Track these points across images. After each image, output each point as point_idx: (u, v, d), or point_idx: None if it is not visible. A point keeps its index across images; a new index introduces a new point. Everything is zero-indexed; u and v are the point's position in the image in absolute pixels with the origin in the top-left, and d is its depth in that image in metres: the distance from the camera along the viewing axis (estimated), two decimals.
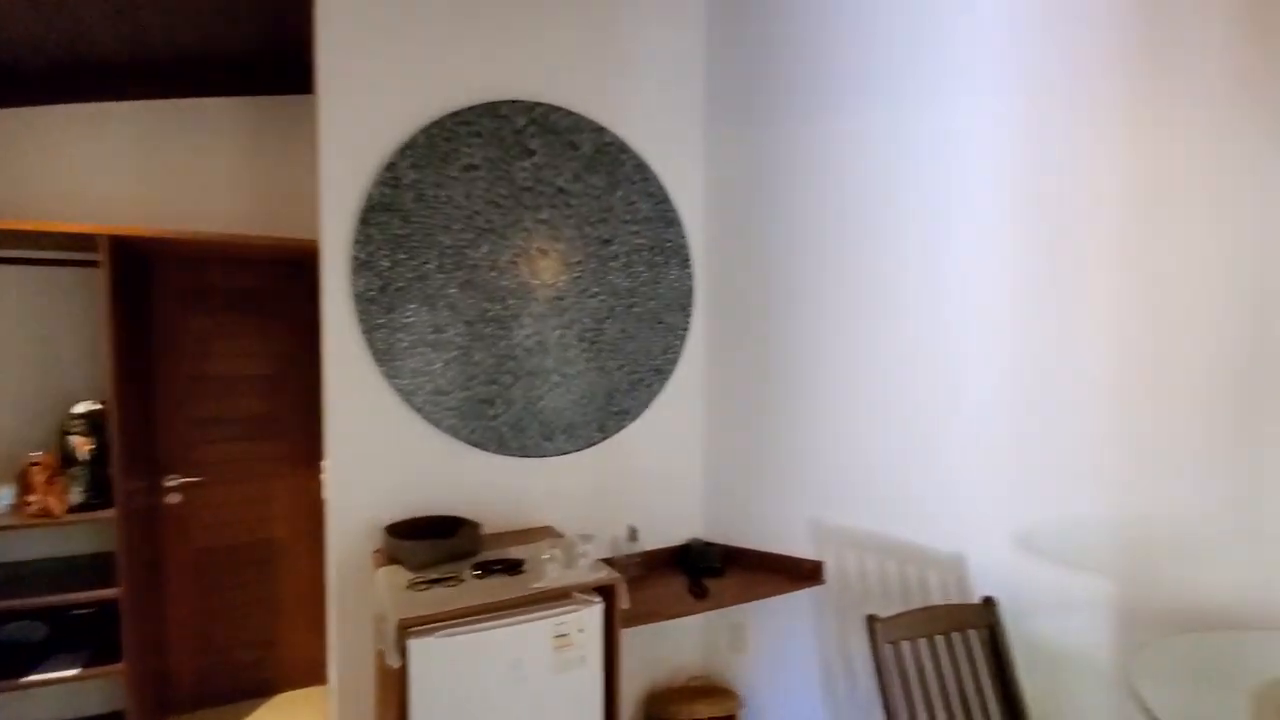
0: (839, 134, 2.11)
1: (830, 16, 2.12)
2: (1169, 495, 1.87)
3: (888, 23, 2.01)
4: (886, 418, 2.10)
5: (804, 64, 2.18)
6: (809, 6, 2.16)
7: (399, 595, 1.62)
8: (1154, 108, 1.80)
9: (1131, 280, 1.85)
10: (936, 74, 1.95)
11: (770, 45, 2.25)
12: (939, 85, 1.95)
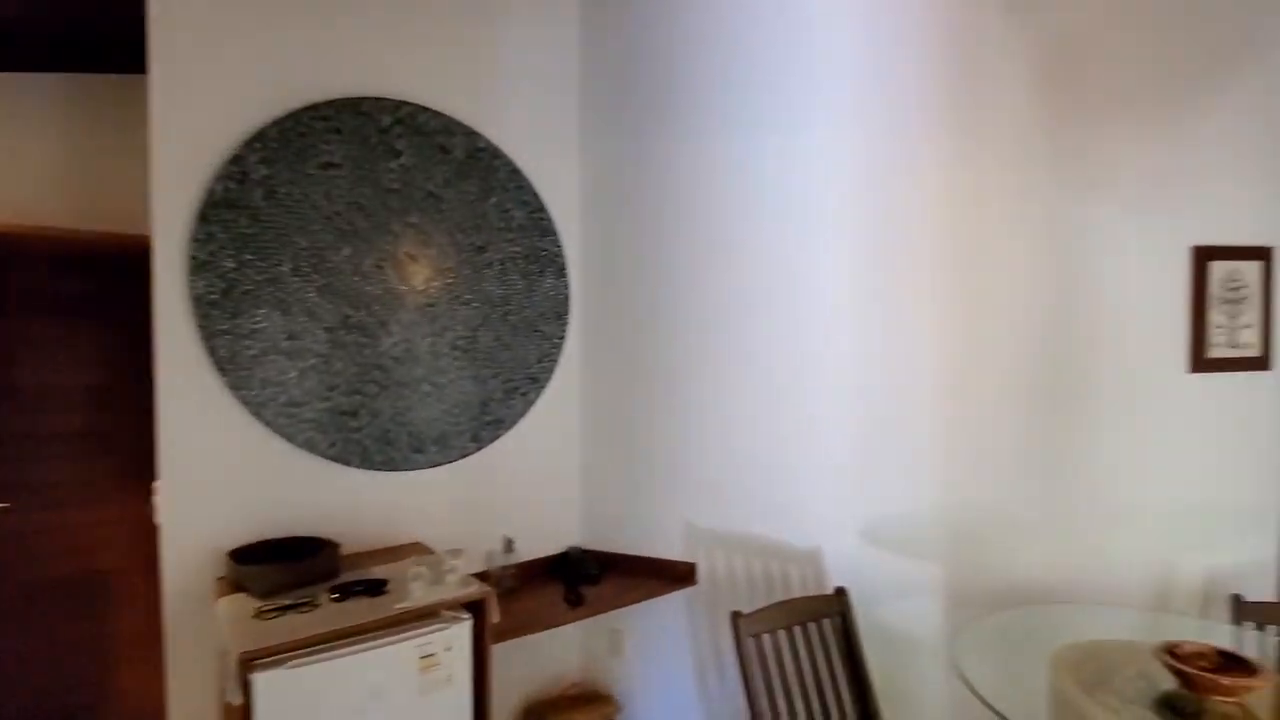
0: (706, 151, 2.20)
1: (698, 41, 2.21)
2: (989, 488, 2.11)
3: (751, 53, 2.13)
4: (751, 423, 2.21)
5: (675, 83, 2.26)
6: (679, 31, 2.24)
7: (243, 625, 1.50)
8: (968, 148, 2.03)
9: (953, 297, 2.07)
10: (792, 102, 2.09)
11: (643, 63, 2.31)
12: (794, 112, 2.09)
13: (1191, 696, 1.42)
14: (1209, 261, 2.09)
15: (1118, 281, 2.09)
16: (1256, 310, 2.14)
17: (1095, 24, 2.05)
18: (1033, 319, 2.07)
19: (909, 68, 2.03)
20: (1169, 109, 2.09)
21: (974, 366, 2.07)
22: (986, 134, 2.03)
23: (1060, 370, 2.09)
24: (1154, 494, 2.15)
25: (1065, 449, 2.12)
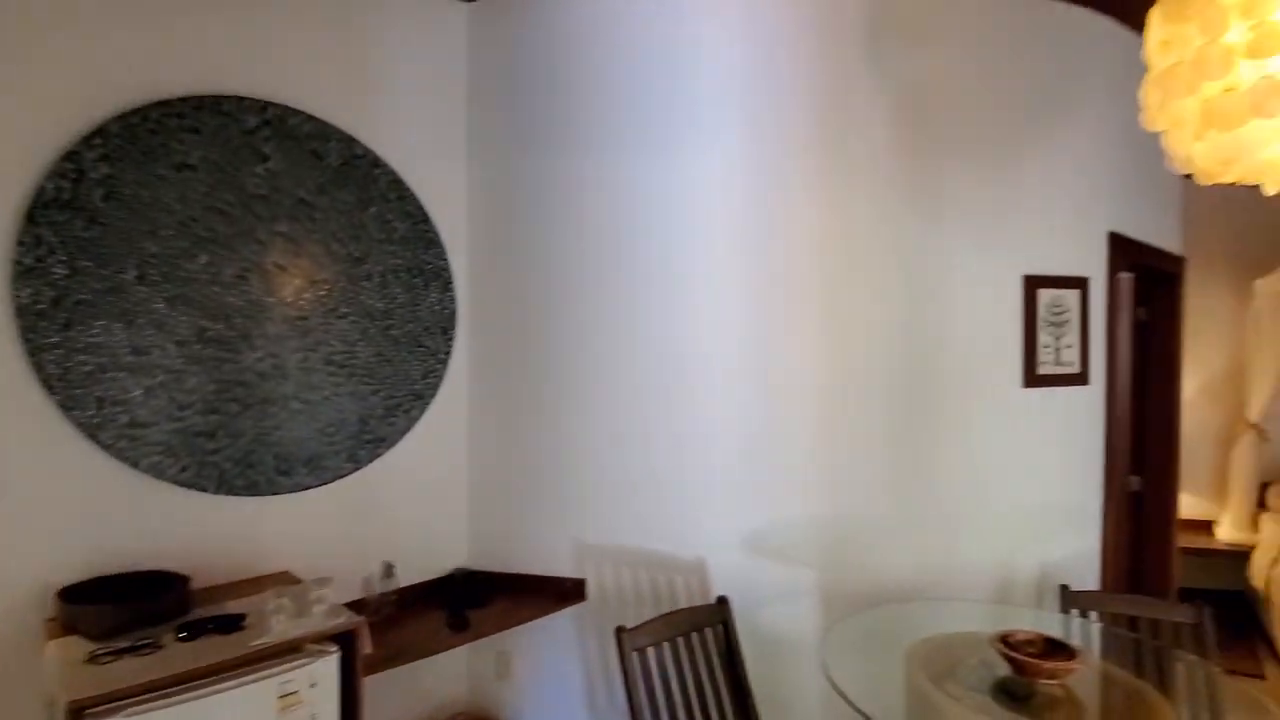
0: (595, 168, 2.23)
1: (588, 60, 2.25)
2: (857, 496, 2.26)
3: (640, 76, 2.19)
4: (639, 438, 2.24)
5: (566, 100, 2.27)
6: (569, 50, 2.27)
7: (73, 671, 1.34)
8: (837, 180, 2.19)
9: (824, 317, 2.21)
10: (679, 126, 2.17)
11: (533, 79, 2.32)
12: (681, 135, 2.16)
13: (1023, 681, 1.58)
14: (1037, 289, 2.36)
15: (964, 306, 2.31)
16: (1076, 332, 2.44)
17: (942, 76, 2.27)
18: (892, 338, 2.25)
19: (786, 100, 2.16)
20: (1004, 154, 2.35)
21: (842, 382, 2.22)
22: (853, 168, 2.19)
23: (916, 386, 2.28)
24: (995, 496, 2.38)
25: (920, 458, 2.31)
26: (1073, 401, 2.49)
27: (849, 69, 2.19)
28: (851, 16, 2.18)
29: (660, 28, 2.17)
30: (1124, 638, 2.05)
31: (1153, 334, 3.19)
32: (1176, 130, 1.00)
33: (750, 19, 2.15)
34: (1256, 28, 0.83)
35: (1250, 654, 3.71)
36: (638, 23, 2.17)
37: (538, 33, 2.29)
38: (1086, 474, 2.59)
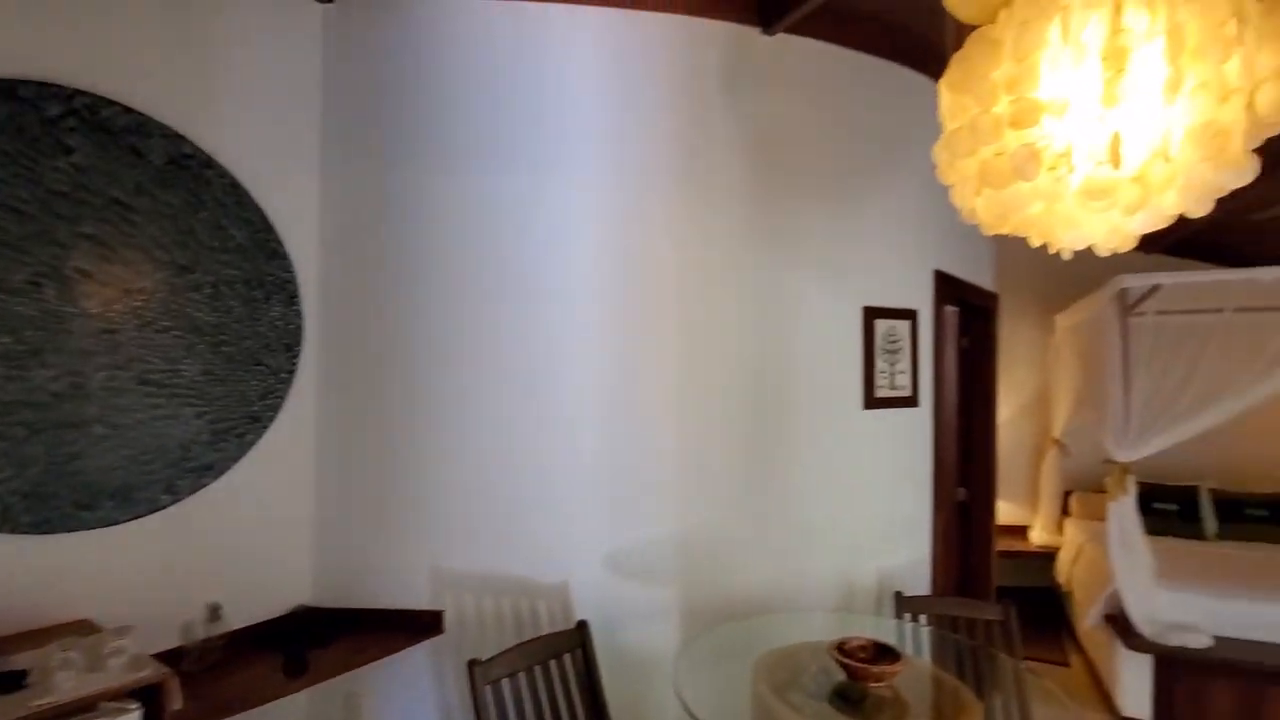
0: (458, 185, 2.18)
1: (450, 75, 2.20)
2: (715, 514, 2.34)
3: (505, 95, 2.17)
4: (500, 460, 2.20)
5: (428, 113, 2.21)
6: (431, 62, 2.21)
7: None
8: (697, 211, 2.29)
9: (684, 340, 2.29)
10: (543, 147, 2.17)
11: (393, 89, 2.24)
12: (545, 156, 2.17)
13: (856, 685, 1.69)
14: (875, 319, 2.58)
15: (811, 333, 2.49)
16: (908, 359, 2.69)
17: (793, 123, 2.45)
18: (746, 363, 2.37)
19: (649, 132, 2.24)
20: (847, 197, 2.57)
21: (700, 404, 2.30)
22: (712, 201, 2.31)
23: (768, 407, 2.42)
24: (839, 510, 2.56)
25: (772, 476, 2.44)
26: (906, 421, 2.74)
27: (709, 109, 2.31)
28: (712, 61, 2.30)
29: (529, 51, 2.18)
30: (947, 638, 2.26)
31: (974, 361, 3.59)
32: (962, 186, 1.14)
33: (617, 52, 2.21)
34: (1016, 102, 0.97)
35: (1057, 644, 4.21)
36: (505, 44, 2.17)
37: (402, 42, 2.23)
38: (918, 488, 2.85)
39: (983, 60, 1.03)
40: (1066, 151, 0.96)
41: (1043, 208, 1.05)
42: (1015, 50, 0.98)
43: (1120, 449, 3.08)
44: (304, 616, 2.19)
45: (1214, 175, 0.97)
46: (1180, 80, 0.89)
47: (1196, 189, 0.99)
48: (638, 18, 2.21)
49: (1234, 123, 0.93)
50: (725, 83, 2.32)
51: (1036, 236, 1.13)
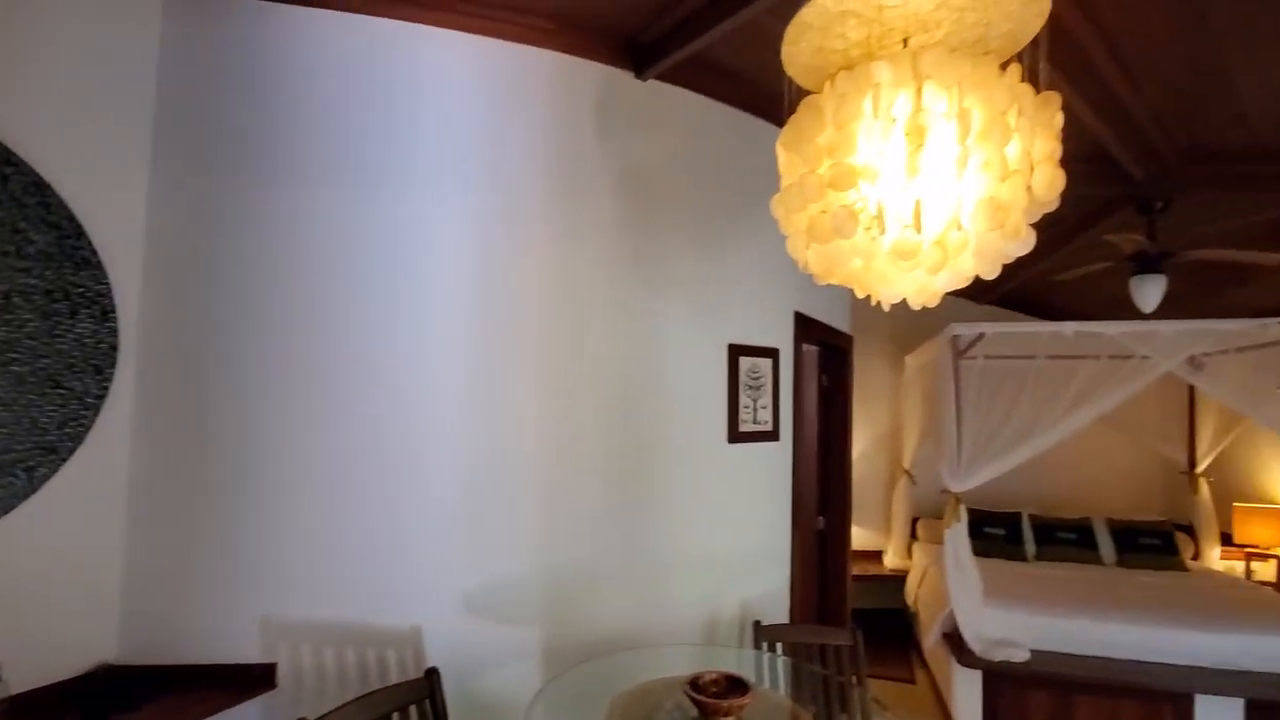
0: (308, 203, 2.05)
1: (303, 87, 2.08)
2: (581, 549, 2.31)
3: (367, 116, 2.08)
4: (348, 500, 2.05)
5: (275, 123, 2.07)
6: (282, 69, 2.09)
7: None
8: (569, 247, 2.30)
9: (553, 375, 2.27)
10: (408, 170, 2.10)
11: (242, 93, 2.08)
12: (413, 181, 2.09)
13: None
14: (740, 356, 2.70)
15: (679, 369, 2.55)
16: (770, 395, 2.83)
17: (663, 162, 2.54)
18: (614, 396, 2.39)
19: (519, 163, 2.23)
20: (714, 237, 2.68)
21: (565, 437, 2.28)
22: (582, 234, 2.32)
23: (634, 441, 2.44)
24: (704, 542, 2.62)
25: (638, 509, 2.45)
26: (767, 455, 2.87)
27: (582, 146, 2.34)
28: (586, 99, 2.34)
29: (392, 70, 2.10)
30: (802, 667, 2.34)
31: (832, 398, 3.84)
32: (795, 238, 1.22)
33: (489, 81, 2.19)
34: (836, 166, 1.06)
35: (905, 662, 4.51)
36: (364, 61, 2.08)
37: (247, 46, 2.08)
38: (779, 518, 2.97)
39: (810, 125, 1.12)
40: (879, 214, 1.06)
41: (862, 264, 1.14)
42: (835, 119, 1.07)
43: (953, 480, 3.38)
44: (107, 676, 1.91)
45: (1000, 244, 1.10)
46: (968, 158, 1.00)
47: (987, 255, 1.11)
48: (512, 49, 2.21)
49: (1014, 199, 1.06)
50: (599, 122, 2.37)
51: (859, 289, 1.23)
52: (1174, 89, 2.30)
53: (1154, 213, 3.12)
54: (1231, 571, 4.68)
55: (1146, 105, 2.40)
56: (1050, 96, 1.10)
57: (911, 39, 1.24)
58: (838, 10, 1.17)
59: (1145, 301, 3.31)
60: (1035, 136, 1.09)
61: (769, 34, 2.31)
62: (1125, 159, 2.76)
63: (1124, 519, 4.91)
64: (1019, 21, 1.21)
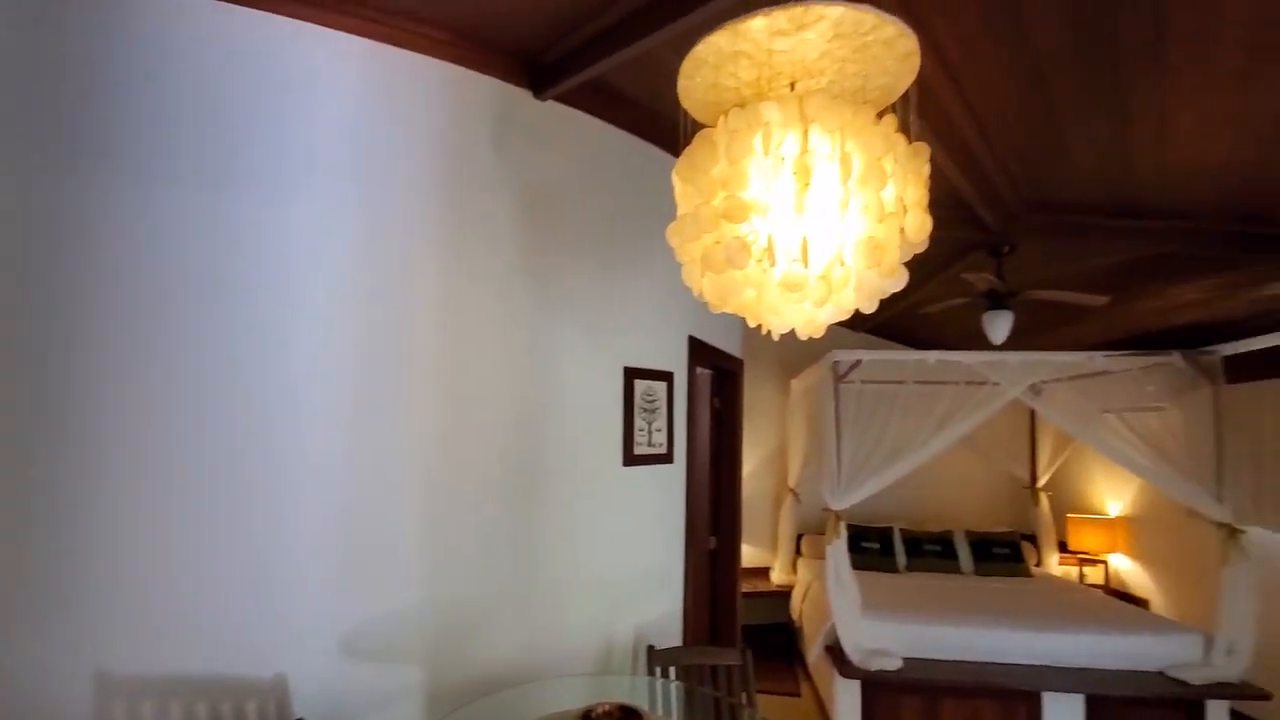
0: (163, 203, 1.84)
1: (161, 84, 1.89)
2: (471, 582, 2.20)
3: (237, 111, 1.91)
4: (200, 534, 1.83)
5: (130, 126, 1.85)
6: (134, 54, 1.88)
7: None
8: (460, 264, 2.21)
9: (440, 398, 2.17)
10: (286, 174, 1.94)
11: (81, 80, 1.85)
12: (286, 189, 1.94)
13: None
14: (635, 379, 2.71)
15: (575, 391, 2.52)
16: (664, 418, 2.86)
17: (561, 183, 2.53)
18: (507, 419, 2.32)
19: (409, 173, 2.13)
20: (611, 259, 2.69)
21: (456, 462, 2.18)
22: (475, 252, 2.25)
23: (528, 466, 2.37)
24: (599, 567, 2.58)
25: (532, 536, 2.38)
26: (662, 477, 2.89)
27: (477, 161, 2.27)
28: (481, 113, 2.29)
29: (264, 65, 1.95)
30: (694, 690, 2.35)
31: (724, 420, 3.95)
32: (690, 267, 1.24)
33: (375, 84, 2.09)
34: (729, 199, 1.09)
35: (791, 676, 4.66)
36: (236, 49, 1.92)
37: (97, 29, 1.86)
38: (673, 540, 3.00)
39: (704, 157, 1.15)
40: (770, 247, 1.10)
41: (754, 294, 1.18)
42: (728, 153, 1.10)
43: (834, 499, 3.56)
44: None
45: (878, 281, 1.17)
46: (849, 200, 1.07)
47: (866, 290, 1.19)
48: (404, 56, 2.12)
49: (889, 239, 1.14)
50: (495, 138, 2.32)
51: (751, 318, 1.26)
52: (1020, 147, 2.59)
53: (1002, 256, 3.49)
54: (1068, 576, 5.25)
55: (997, 160, 2.69)
56: (920, 147, 1.19)
57: (798, 83, 1.31)
58: (731, 50, 1.22)
59: (996, 334, 3.67)
60: (908, 183, 1.18)
61: (666, 65, 2.38)
62: (979, 207, 3.07)
63: (979, 531, 5.38)
64: (894, 76, 1.31)
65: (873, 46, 1.22)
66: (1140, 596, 4.92)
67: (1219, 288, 3.55)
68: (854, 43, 1.21)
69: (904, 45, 1.22)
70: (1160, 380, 3.65)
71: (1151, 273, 3.48)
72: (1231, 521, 3.28)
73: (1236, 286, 3.49)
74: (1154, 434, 3.68)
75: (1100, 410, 3.89)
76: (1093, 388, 3.95)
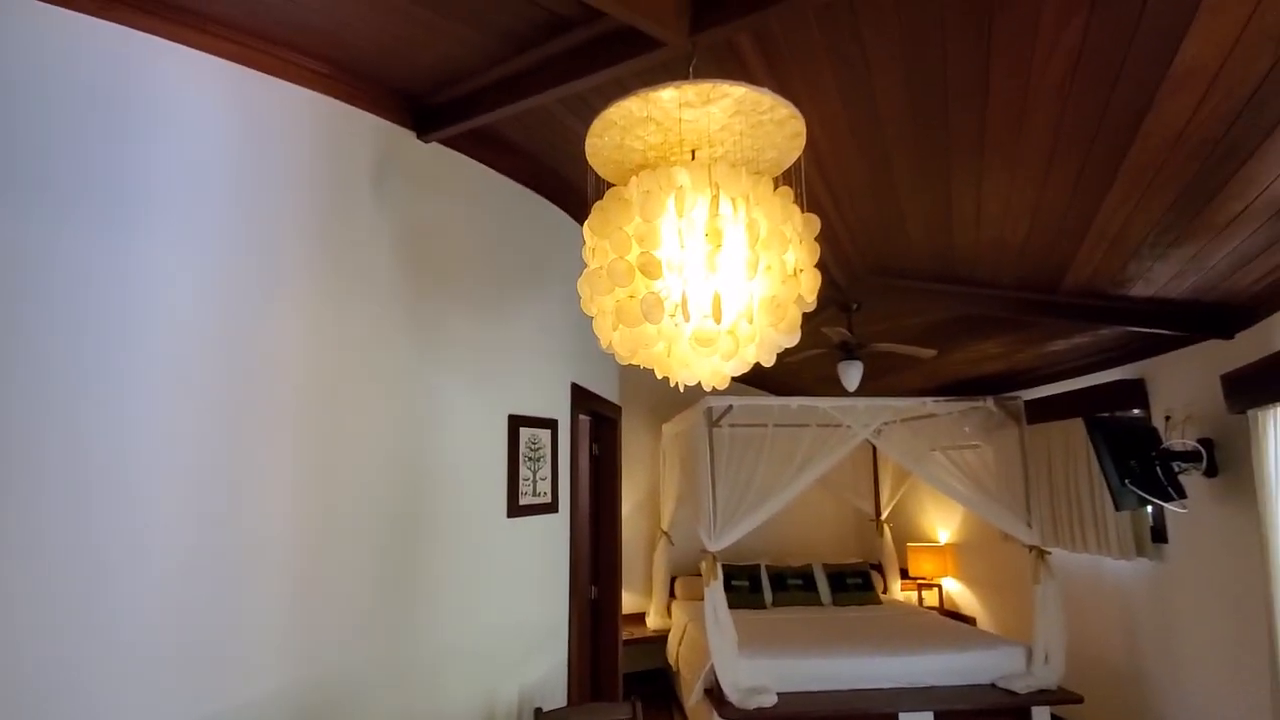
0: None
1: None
2: (339, 653, 1.98)
3: (69, 128, 1.68)
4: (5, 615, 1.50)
5: None
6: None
7: None
8: (334, 310, 2.06)
9: (311, 451, 1.98)
10: (122, 200, 1.72)
11: None
12: (129, 211, 1.71)
13: None
14: (520, 427, 2.65)
15: (459, 440, 2.41)
16: (549, 466, 2.81)
17: (447, 228, 2.46)
18: (383, 474, 2.16)
19: (278, 209, 1.97)
20: (496, 306, 2.65)
21: (323, 522, 1.98)
22: (355, 295, 2.11)
23: (407, 523, 2.22)
24: (481, 628, 2.44)
25: (411, 599, 2.21)
26: (546, 528, 2.82)
27: (356, 200, 2.16)
28: (362, 152, 2.19)
29: (114, 84, 1.74)
30: None
31: (603, 466, 3.95)
32: (601, 320, 1.26)
33: (242, 113, 1.93)
34: (644, 255, 1.13)
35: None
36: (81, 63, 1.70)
37: None
38: (557, 593, 2.91)
39: (618, 214, 1.19)
40: (684, 303, 1.15)
41: (665, 348, 1.22)
42: (642, 212, 1.15)
43: (710, 540, 3.67)
44: None
45: (778, 337, 1.27)
46: (755, 262, 1.15)
47: (768, 345, 1.27)
48: (271, 83, 1.99)
49: (789, 299, 1.24)
50: (377, 178, 2.22)
51: (661, 370, 1.30)
52: (867, 218, 2.92)
53: (852, 312, 3.88)
54: (910, 601, 5.76)
55: (848, 228, 3.02)
56: (811, 218, 1.32)
57: (698, 151, 1.40)
58: (641, 115, 1.28)
59: (849, 382, 4.05)
60: (803, 248, 1.29)
61: (555, 120, 2.45)
62: (833, 268, 3.41)
63: (835, 563, 5.78)
64: (781, 151, 1.45)
65: (766, 124, 1.35)
66: (969, 615, 5.51)
67: (1015, 343, 4.20)
68: (751, 119, 1.33)
69: (793, 126, 1.36)
70: (976, 422, 4.21)
71: (965, 330, 4.04)
72: (1039, 544, 3.80)
73: (1028, 343, 4.15)
74: (973, 468, 4.21)
75: (929, 448, 4.38)
76: (923, 428, 4.45)
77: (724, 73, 1.39)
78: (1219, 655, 3.33)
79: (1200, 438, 3.24)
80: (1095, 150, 2.01)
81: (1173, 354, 3.61)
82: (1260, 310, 2.90)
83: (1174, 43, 1.45)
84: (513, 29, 1.81)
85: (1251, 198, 2.07)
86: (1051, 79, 1.70)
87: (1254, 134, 1.74)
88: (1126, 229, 2.47)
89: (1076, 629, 4.06)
